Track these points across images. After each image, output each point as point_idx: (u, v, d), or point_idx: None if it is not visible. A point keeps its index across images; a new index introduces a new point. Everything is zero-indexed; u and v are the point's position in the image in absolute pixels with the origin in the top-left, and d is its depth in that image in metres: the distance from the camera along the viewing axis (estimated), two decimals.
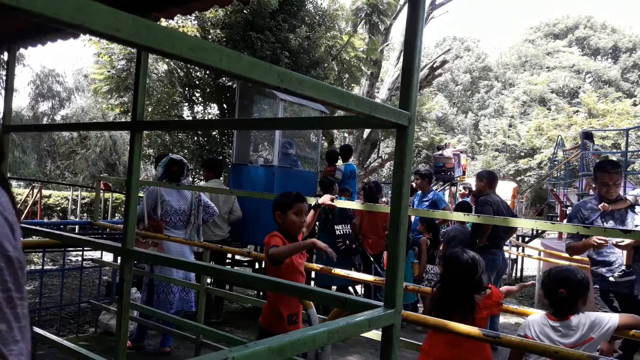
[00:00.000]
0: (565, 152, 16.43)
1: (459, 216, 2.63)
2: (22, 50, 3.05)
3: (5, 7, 0.53)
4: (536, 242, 11.19)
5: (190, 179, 6.26)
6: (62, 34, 2.61)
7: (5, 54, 3.14)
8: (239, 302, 6.56)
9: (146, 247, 4.29)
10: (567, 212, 3.92)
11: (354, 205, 4.93)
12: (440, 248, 5.97)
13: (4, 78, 20.55)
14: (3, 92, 21.09)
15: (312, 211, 3.17)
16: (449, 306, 2.33)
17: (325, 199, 3.21)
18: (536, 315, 2.37)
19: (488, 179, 5.36)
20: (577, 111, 31.24)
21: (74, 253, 8.60)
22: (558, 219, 12.39)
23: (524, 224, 2.71)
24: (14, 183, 19.48)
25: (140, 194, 5.12)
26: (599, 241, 3.33)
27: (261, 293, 6.48)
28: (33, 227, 2.51)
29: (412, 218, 6.34)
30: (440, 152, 13.87)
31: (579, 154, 13.55)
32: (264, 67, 0.84)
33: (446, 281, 2.49)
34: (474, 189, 8.03)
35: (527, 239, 11.46)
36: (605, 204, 3.59)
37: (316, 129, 7.58)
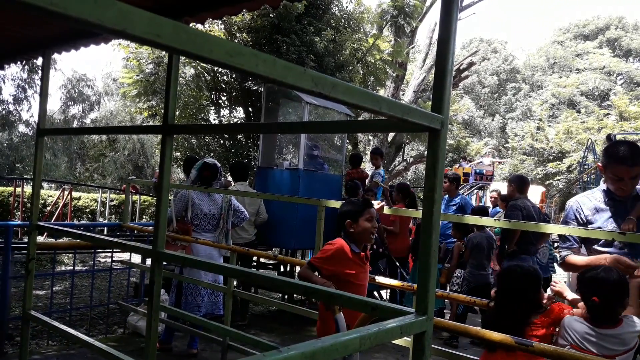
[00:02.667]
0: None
1: (490, 221, 2.58)
2: (54, 55, 3.12)
3: (52, 14, 0.54)
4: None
5: (224, 180, 6.35)
6: (95, 39, 2.67)
7: (40, 59, 3.22)
8: (263, 305, 6.58)
9: (175, 250, 4.35)
10: None
11: (387, 209, 4.90)
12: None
13: (37, 82, 21.13)
14: (36, 96, 21.67)
15: None
16: (503, 324, 2.15)
17: (375, 206, 3.18)
18: (575, 322, 2.16)
19: (518, 183, 5.27)
20: (608, 114, 30.56)
21: (103, 254, 8.76)
22: None
23: (556, 230, 2.61)
24: (44, 185, 19.98)
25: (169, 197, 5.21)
26: (623, 264, 2.26)
27: (286, 296, 6.50)
28: (66, 229, 2.56)
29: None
30: (480, 160, 13.89)
31: None
32: (299, 71, 0.84)
33: (500, 297, 2.32)
34: (503, 193, 7.94)
35: (556, 244, 11.22)
36: (630, 222, 2.46)
37: (347, 133, 7.55)
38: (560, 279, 2.67)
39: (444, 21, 1.24)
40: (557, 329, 2.25)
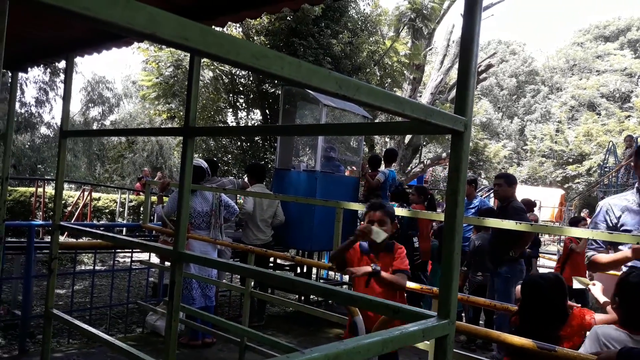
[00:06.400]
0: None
1: (511, 224, 2.55)
2: (76, 58, 3.17)
3: (85, 18, 0.55)
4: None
5: (241, 182, 6.50)
6: (118, 42, 2.70)
7: (63, 62, 3.27)
8: (280, 306, 6.59)
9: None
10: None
11: (398, 212, 4.87)
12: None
13: (58, 85, 21.45)
14: (57, 98, 21.99)
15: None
16: (534, 337, 2.02)
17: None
18: (611, 331, 2.04)
19: (508, 180, 5.06)
20: (629, 116, 30.04)
21: (122, 254, 8.86)
22: None
23: (579, 234, 2.55)
24: (65, 185, 20.24)
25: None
26: None
27: (302, 298, 6.50)
28: (88, 229, 2.60)
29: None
30: None
31: (631, 160, 13.05)
32: (324, 73, 0.85)
33: (526, 311, 2.23)
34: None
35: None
36: None
37: (368, 135, 7.50)
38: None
39: (467, 22, 1.23)
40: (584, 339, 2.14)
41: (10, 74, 3.31)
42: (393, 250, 2.70)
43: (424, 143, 18.05)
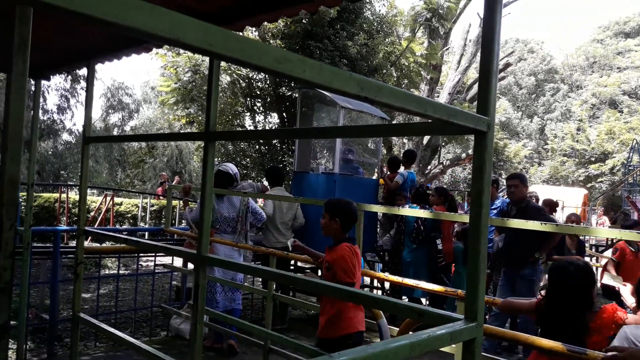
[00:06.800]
0: None
1: (536, 225, 2.50)
2: (97, 64, 3.22)
3: (110, 24, 0.55)
4: (610, 252, 10.55)
5: (260, 185, 6.52)
6: (137, 48, 2.74)
7: (84, 69, 3.32)
8: (302, 309, 6.59)
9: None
10: None
11: (421, 213, 4.84)
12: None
13: (79, 92, 21.79)
14: (78, 105, 22.35)
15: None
16: (557, 327, 2.03)
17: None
18: (637, 330, 1.99)
19: (523, 180, 4.94)
20: None
21: (144, 258, 8.95)
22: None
23: (606, 234, 2.50)
24: (88, 191, 20.53)
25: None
26: None
27: None
28: (112, 233, 2.63)
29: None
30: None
31: None
32: (345, 76, 0.84)
33: (553, 297, 2.18)
34: (538, 195, 7.73)
35: (601, 248, 10.85)
36: None
37: (388, 136, 7.45)
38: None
39: (487, 21, 1.21)
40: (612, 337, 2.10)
41: (33, 82, 3.38)
42: (335, 250, 3.01)
43: (443, 144, 17.92)
